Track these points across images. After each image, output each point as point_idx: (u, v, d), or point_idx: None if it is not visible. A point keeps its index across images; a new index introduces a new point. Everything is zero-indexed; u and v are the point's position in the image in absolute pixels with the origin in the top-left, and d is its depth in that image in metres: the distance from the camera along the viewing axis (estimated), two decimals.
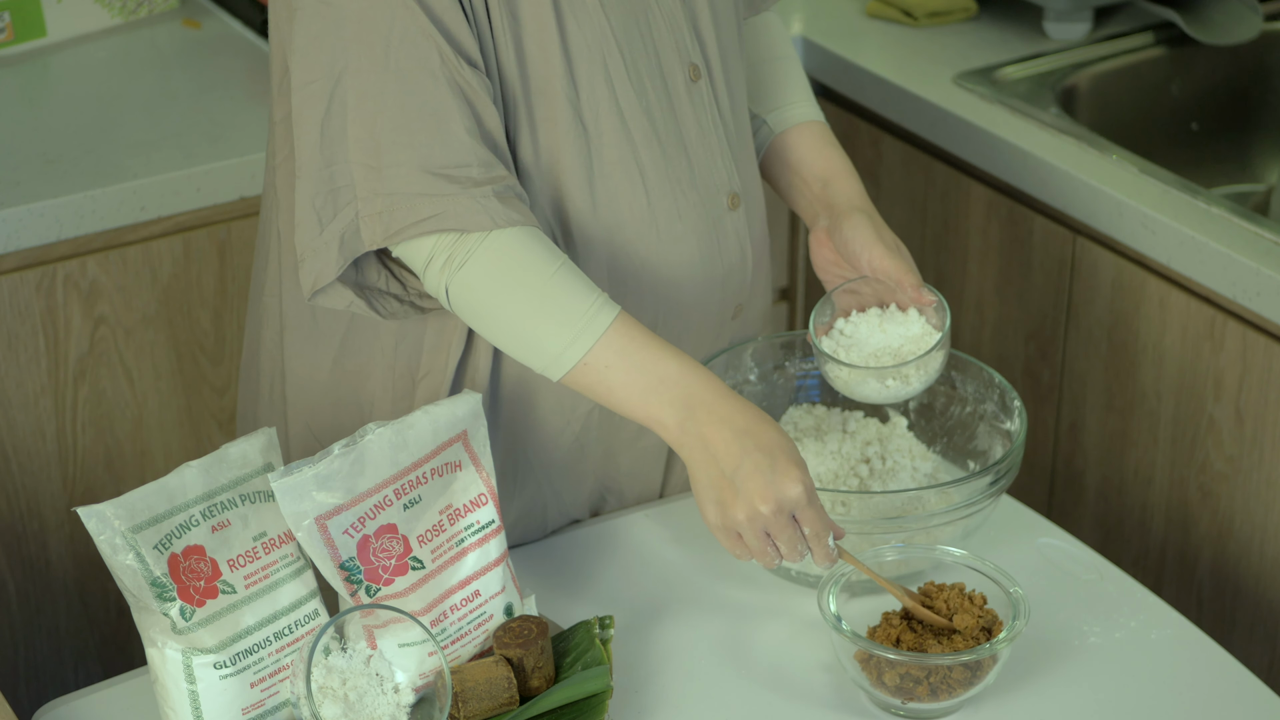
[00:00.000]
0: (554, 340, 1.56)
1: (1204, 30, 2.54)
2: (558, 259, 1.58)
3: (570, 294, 1.57)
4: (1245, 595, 2.24)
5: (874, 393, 1.70)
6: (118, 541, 1.46)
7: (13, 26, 2.50)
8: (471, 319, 1.60)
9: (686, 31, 1.69)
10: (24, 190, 2.20)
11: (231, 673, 1.49)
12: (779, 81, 1.86)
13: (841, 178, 1.80)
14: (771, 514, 1.53)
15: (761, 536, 1.54)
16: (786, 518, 1.54)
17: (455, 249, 1.57)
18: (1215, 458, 2.22)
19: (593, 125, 1.64)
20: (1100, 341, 2.33)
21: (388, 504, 1.52)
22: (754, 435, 1.54)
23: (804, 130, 1.83)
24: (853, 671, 1.57)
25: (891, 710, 1.57)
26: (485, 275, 1.56)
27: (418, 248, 1.58)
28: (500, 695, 1.52)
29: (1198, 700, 1.60)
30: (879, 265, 1.72)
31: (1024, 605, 1.57)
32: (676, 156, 1.69)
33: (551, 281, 1.57)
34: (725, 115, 1.74)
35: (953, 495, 1.67)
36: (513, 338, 1.58)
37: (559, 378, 1.58)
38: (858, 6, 2.71)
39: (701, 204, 1.72)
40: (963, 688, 1.55)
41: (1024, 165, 2.34)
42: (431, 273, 1.58)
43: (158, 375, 2.34)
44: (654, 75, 1.67)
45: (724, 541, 1.56)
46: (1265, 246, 2.11)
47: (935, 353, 1.70)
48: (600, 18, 1.63)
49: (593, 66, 1.63)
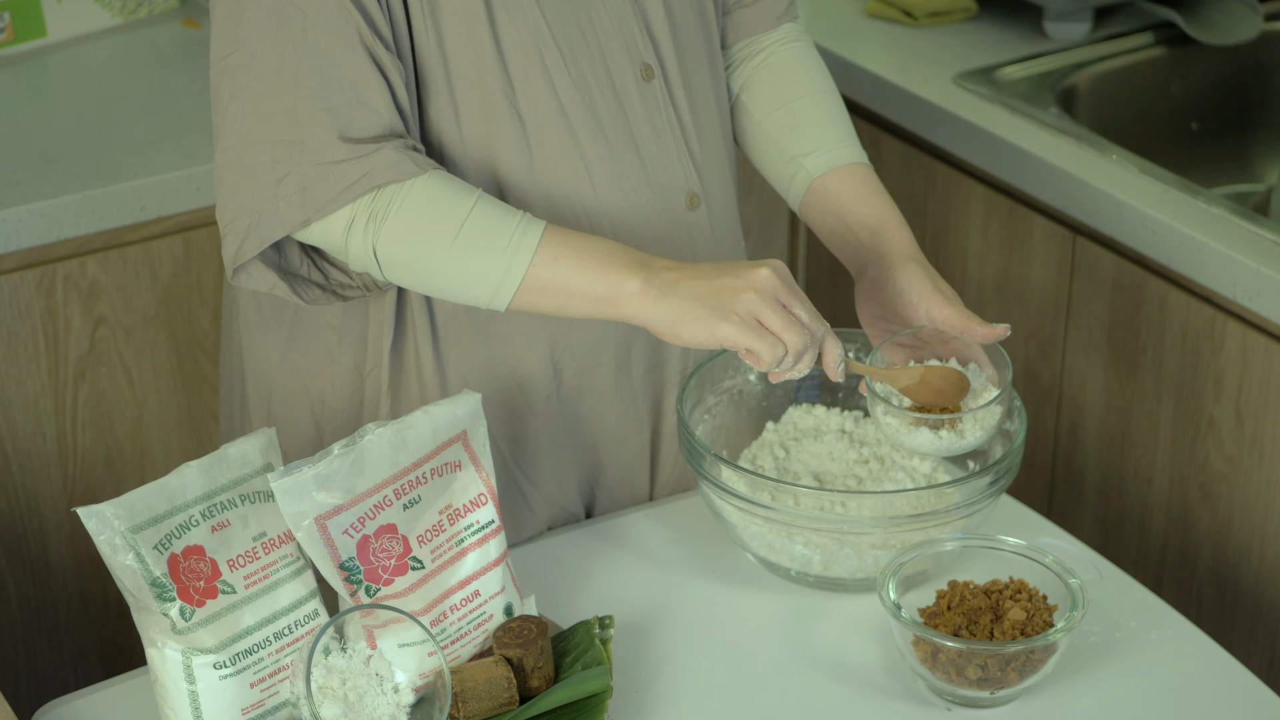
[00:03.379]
0: (493, 265, 1.55)
1: (1204, 30, 2.54)
2: (473, 192, 1.57)
3: (495, 218, 1.56)
4: (1245, 595, 2.24)
5: (926, 443, 1.65)
6: (118, 542, 1.46)
7: (13, 26, 2.50)
8: (405, 273, 1.58)
9: (637, 31, 1.68)
10: (24, 190, 2.20)
11: (231, 673, 1.49)
12: (816, 120, 1.80)
13: (890, 226, 1.73)
14: (771, 276, 1.52)
15: (779, 308, 1.53)
16: (786, 288, 1.54)
17: (374, 205, 1.55)
18: (1215, 458, 2.22)
19: (531, 118, 1.64)
20: (1100, 341, 2.33)
21: (387, 504, 1.52)
22: (715, 266, 1.55)
23: (846, 175, 1.76)
24: (911, 659, 1.58)
25: (944, 697, 1.58)
26: (408, 221, 1.55)
27: (336, 220, 1.57)
28: (500, 695, 1.53)
29: (1198, 700, 1.60)
30: (938, 315, 1.66)
31: (1082, 596, 1.57)
32: (626, 155, 1.68)
33: (474, 212, 1.56)
34: (683, 116, 1.72)
35: (952, 495, 1.67)
36: (451, 276, 1.57)
37: (508, 302, 1.57)
38: (858, 6, 2.71)
39: (656, 203, 1.71)
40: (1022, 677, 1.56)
41: (1024, 165, 2.34)
42: (354, 239, 1.57)
43: (158, 375, 2.34)
44: (598, 73, 1.66)
45: (752, 341, 1.53)
46: (1265, 246, 2.11)
47: (993, 407, 1.65)
48: (534, 11, 1.62)
49: (528, 60, 1.63)
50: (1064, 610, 1.58)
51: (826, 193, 1.76)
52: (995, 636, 1.56)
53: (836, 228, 1.75)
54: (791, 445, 1.79)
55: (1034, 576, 1.63)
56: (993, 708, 1.58)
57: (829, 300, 2.73)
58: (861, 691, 1.60)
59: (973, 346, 1.68)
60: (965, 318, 1.65)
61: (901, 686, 1.61)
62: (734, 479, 1.67)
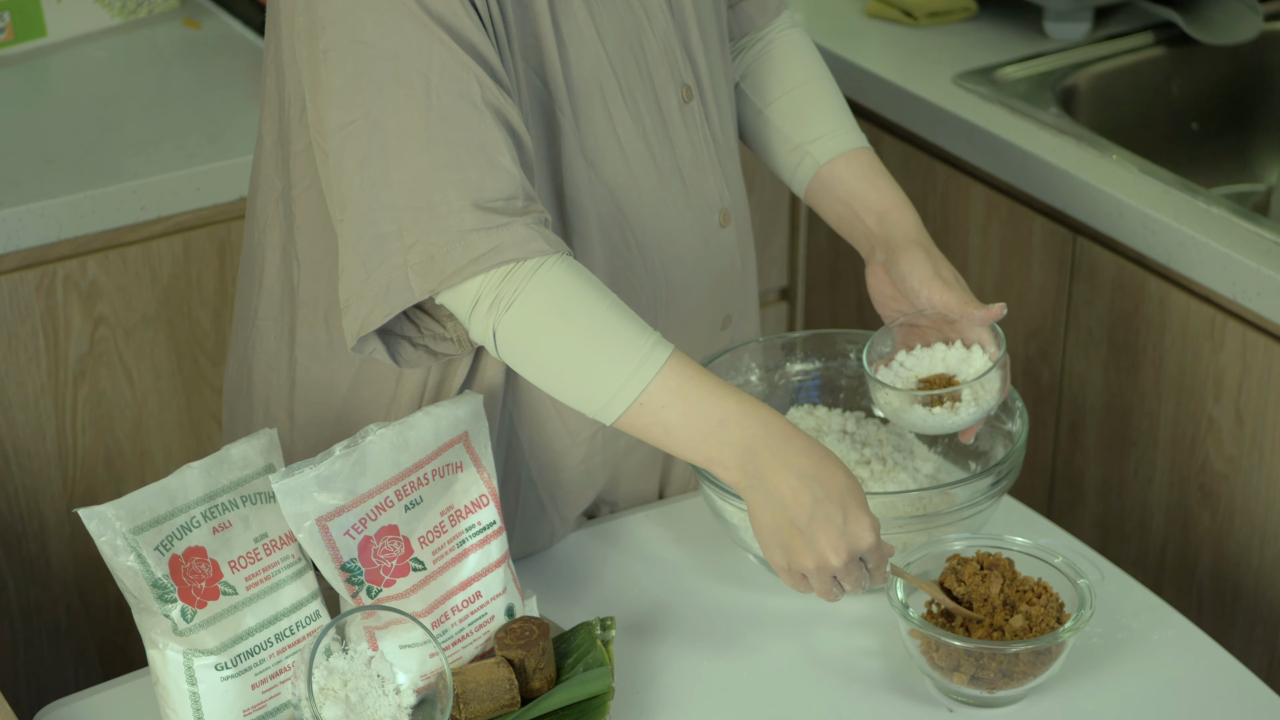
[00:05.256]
0: (609, 380, 1.50)
1: (1204, 30, 2.54)
2: (607, 295, 1.52)
3: (623, 331, 1.51)
4: (1245, 595, 2.24)
5: (921, 420, 1.67)
6: (119, 543, 1.46)
7: (13, 26, 2.49)
8: (520, 362, 1.54)
9: (679, 52, 1.68)
10: (24, 190, 2.20)
11: (233, 674, 1.49)
12: (817, 106, 1.81)
13: (896, 210, 1.75)
14: (843, 565, 1.51)
15: (829, 581, 1.53)
16: (856, 562, 1.53)
17: (502, 289, 1.50)
18: (1215, 458, 2.22)
19: (594, 154, 1.63)
20: (1100, 341, 2.33)
21: (389, 505, 1.52)
22: (821, 481, 1.50)
23: (852, 160, 1.78)
24: (919, 660, 1.58)
25: (951, 696, 1.58)
26: (535, 314, 1.50)
27: (464, 291, 1.51)
28: (502, 696, 1.53)
29: (1199, 700, 1.61)
30: (938, 299, 1.68)
31: (1090, 596, 1.57)
32: (671, 178, 1.68)
33: (604, 319, 1.51)
34: (716, 133, 1.72)
35: (954, 496, 1.67)
36: (564, 379, 1.52)
37: (613, 420, 1.52)
38: (858, 6, 2.71)
39: (696, 223, 1.70)
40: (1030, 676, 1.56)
41: (1024, 165, 2.34)
42: (478, 317, 1.52)
43: (158, 375, 2.34)
44: (649, 99, 1.66)
45: (787, 580, 1.55)
46: (1265, 246, 2.11)
47: (988, 380, 1.67)
48: (597, 46, 1.60)
49: (590, 96, 1.61)
50: (1072, 610, 1.58)
51: (833, 179, 1.78)
52: (1007, 636, 1.56)
53: (844, 214, 1.78)
54: None
55: (1037, 576, 1.63)
56: (998, 707, 1.58)
57: (829, 300, 2.73)
58: (863, 692, 1.60)
59: (975, 328, 1.70)
60: (964, 302, 1.68)
61: (903, 687, 1.61)
62: None
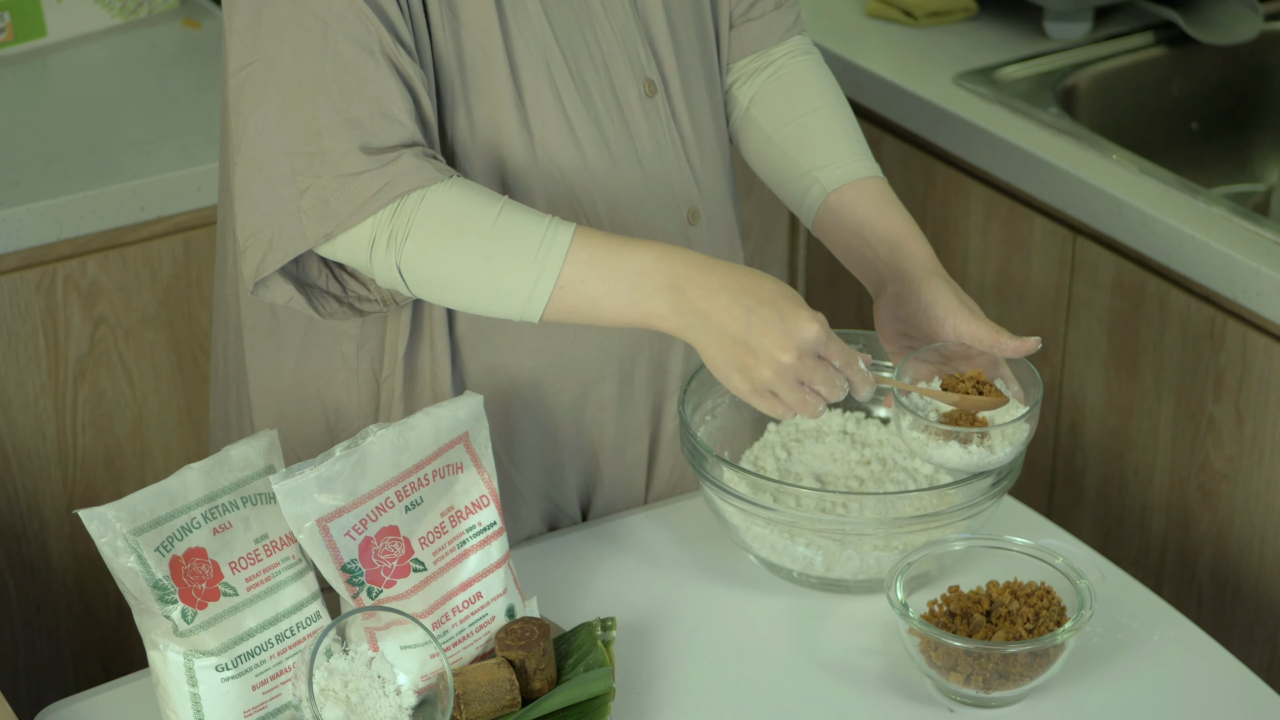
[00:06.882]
0: (522, 276, 1.52)
1: (1204, 30, 2.54)
2: (498, 199, 1.54)
3: (521, 225, 1.53)
4: (1245, 595, 2.24)
5: (954, 457, 1.63)
6: (119, 544, 1.46)
7: (13, 26, 2.49)
8: (433, 289, 1.56)
9: (640, 45, 1.67)
10: (24, 190, 2.20)
11: (233, 675, 1.49)
12: (828, 133, 1.76)
13: (909, 240, 1.69)
14: (796, 360, 1.49)
15: (796, 387, 1.51)
16: (813, 359, 1.50)
17: (395, 223, 1.53)
18: (1215, 458, 2.22)
19: (538, 131, 1.63)
20: (1100, 341, 2.33)
21: (389, 506, 1.52)
22: (751, 292, 1.50)
23: (862, 189, 1.72)
24: (919, 660, 1.58)
25: (951, 697, 1.58)
26: (432, 237, 1.53)
27: (358, 236, 1.54)
28: (502, 697, 1.53)
29: (1199, 700, 1.61)
30: (966, 330, 1.64)
31: (1090, 597, 1.57)
32: (630, 169, 1.68)
33: (500, 221, 1.53)
34: (685, 131, 1.71)
35: (954, 496, 1.67)
36: (480, 291, 1.54)
37: (540, 313, 1.53)
38: (858, 6, 2.71)
39: (658, 218, 1.70)
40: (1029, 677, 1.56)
41: (1024, 165, 2.34)
42: (377, 258, 1.54)
43: (158, 375, 2.34)
44: (603, 87, 1.65)
45: (760, 405, 1.52)
46: (1265, 246, 2.11)
47: (1022, 423, 1.63)
48: (543, 23, 1.61)
49: (536, 72, 1.61)
50: (1072, 611, 1.58)
51: (842, 207, 1.72)
52: (1008, 636, 1.56)
53: (853, 243, 1.72)
54: (793, 446, 1.79)
55: (1038, 577, 1.63)
56: (998, 708, 1.58)
57: (829, 300, 2.73)
58: (864, 692, 1.60)
59: (999, 363, 1.66)
60: (994, 332, 1.63)
61: (904, 687, 1.61)
62: (736, 480, 1.68)
